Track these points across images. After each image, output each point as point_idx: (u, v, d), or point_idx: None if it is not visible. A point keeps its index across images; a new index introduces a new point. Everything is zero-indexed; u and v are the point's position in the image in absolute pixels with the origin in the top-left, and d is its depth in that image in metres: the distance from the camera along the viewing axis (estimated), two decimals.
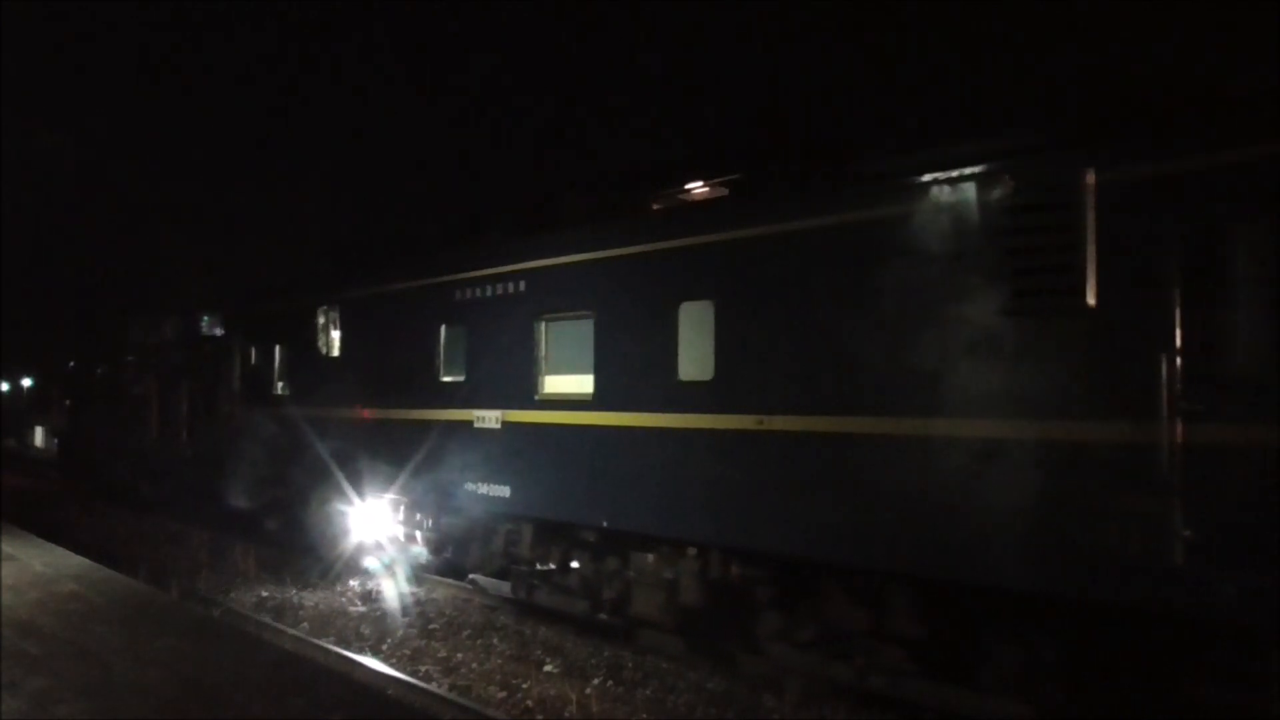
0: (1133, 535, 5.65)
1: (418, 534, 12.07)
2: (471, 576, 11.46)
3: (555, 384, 9.91)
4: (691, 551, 8.57)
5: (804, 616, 7.79)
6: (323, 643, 9.57)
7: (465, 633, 10.18)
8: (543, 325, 9.93)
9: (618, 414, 9.02)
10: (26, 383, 58.01)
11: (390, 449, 11.96)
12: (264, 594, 12.02)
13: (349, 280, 13.02)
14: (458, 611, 11.04)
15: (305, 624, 10.64)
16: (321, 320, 13.38)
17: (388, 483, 11.95)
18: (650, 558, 9.05)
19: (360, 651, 9.42)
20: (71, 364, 24.98)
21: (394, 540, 12.35)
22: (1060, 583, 5.97)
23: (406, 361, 11.81)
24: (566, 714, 7.71)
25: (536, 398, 9.90)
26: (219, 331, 16.34)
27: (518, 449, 10.11)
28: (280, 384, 14.61)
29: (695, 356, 8.39)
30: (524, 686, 8.33)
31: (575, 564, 10.06)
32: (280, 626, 10.32)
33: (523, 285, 10.15)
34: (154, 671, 7.40)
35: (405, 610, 11.03)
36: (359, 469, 12.43)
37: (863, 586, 7.34)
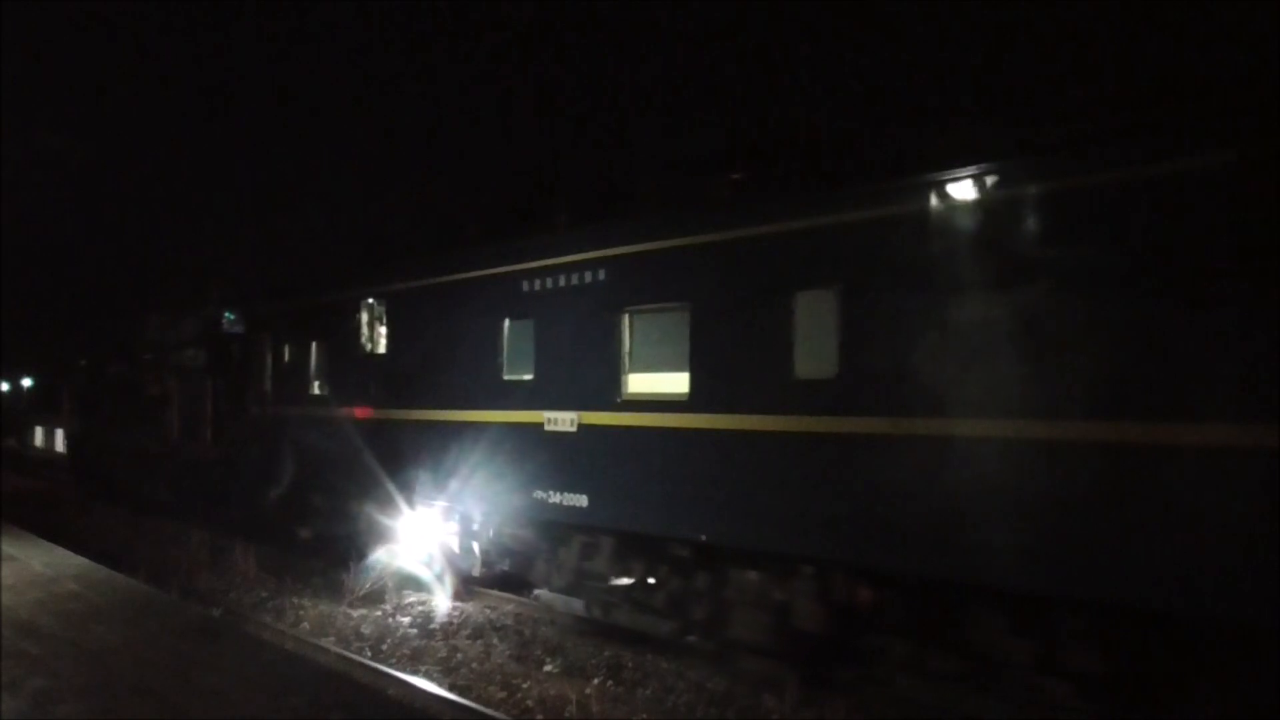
0: None
1: (474, 545, 11.16)
2: (536, 593, 10.55)
3: (642, 383, 9.00)
4: (808, 570, 7.67)
5: (948, 645, 6.89)
6: (323, 642, 9.43)
7: (465, 633, 10.03)
8: (626, 318, 9.03)
9: (719, 416, 8.12)
10: (27, 383, 57.14)
11: (443, 453, 11.05)
12: (262, 594, 11.76)
13: (397, 272, 12.09)
14: (457, 612, 10.79)
15: (305, 624, 10.40)
16: (366, 315, 12.45)
17: (440, 489, 11.05)
18: (754, 576, 8.15)
19: (359, 652, 9.29)
20: (81, 363, 24.01)
21: (447, 551, 11.45)
22: None
23: (463, 359, 10.89)
24: (566, 714, 7.62)
25: (620, 398, 8.99)
26: (247, 328, 15.38)
27: (597, 454, 9.20)
28: (317, 383, 13.67)
29: (814, 351, 7.50)
30: (524, 686, 8.23)
31: (651, 580, 9.16)
32: (280, 627, 10.14)
33: (602, 274, 9.25)
34: (154, 671, 7.38)
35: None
36: (407, 474, 11.53)
37: (1026, 613, 6.44)
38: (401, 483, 11.60)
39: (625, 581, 9.43)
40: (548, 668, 8.87)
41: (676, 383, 8.63)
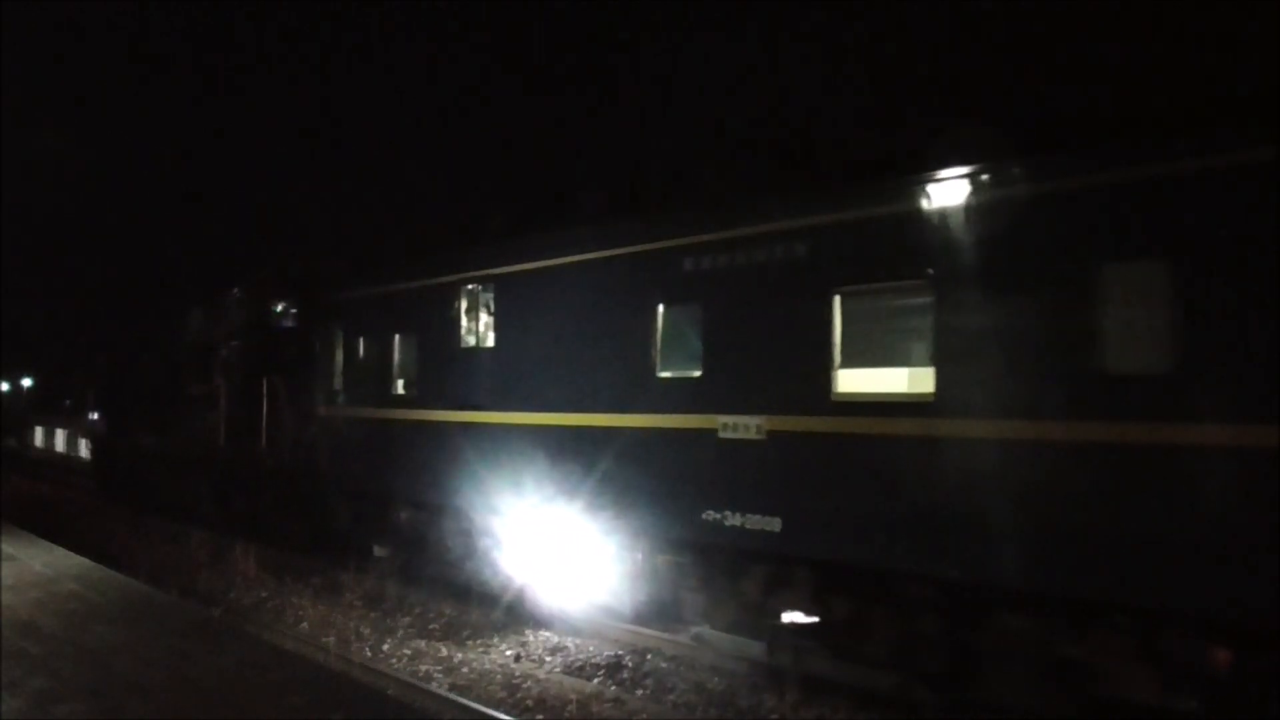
0: None
1: (613, 572, 9.49)
2: (695, 630, 8.91)
3: (858, 380, 7.34)
4: (1123, 620, 6.03)
5: None
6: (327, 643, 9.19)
7: (465, 632, 9.89)
8: (837, 300, 7.36)
9: (983, 423, 6.47)
10: (27, 383, 55.58)
11: (569, 463, 9.41)
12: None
13: (509, 251, 10.37)
14: (457, 612, 10.53)
15: (304, 624, 10.17)
16: (465, 303, 10.78)
17: (565, 506, 9.39)
18: (1027, 622, 6.50)
19: (359, 653, 9.08)
20: (105, 360, 22.26)
21: (576, 579, 9.79)
22: None
23: (598, 353, 9.22)
24: (566, 714, 7.59)
25: (829, 400, 7.33)
26: (312, 320, 13.67)
27: (794, 468, 7.56)
28: (401, 381, 11.98)
29: (1133, 339, 5.87)
30: (524, 686, 8.19)
31: (829, 617, 7.58)
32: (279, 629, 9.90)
33: (801, 248, 7.58)
34: (154, 671, 7.36)
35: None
36: (520, 487, 9.87)
37: None
38: (513, 498, 9.95)
39: (810, 620, 7.84)
40: (547, 668, 8.76)
41: (912, 380, 7.00)
